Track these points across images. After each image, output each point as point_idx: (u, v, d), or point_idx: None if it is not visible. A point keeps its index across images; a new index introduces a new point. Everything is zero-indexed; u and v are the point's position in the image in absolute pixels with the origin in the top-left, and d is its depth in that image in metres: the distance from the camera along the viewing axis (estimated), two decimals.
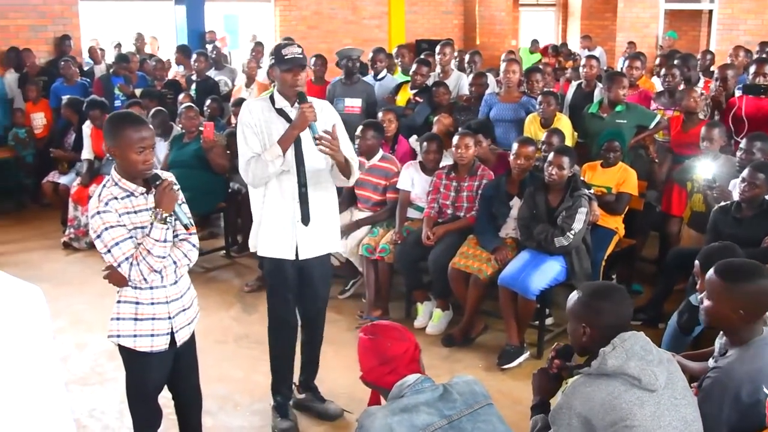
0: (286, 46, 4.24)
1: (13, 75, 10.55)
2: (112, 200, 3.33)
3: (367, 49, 9.08)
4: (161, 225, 3.34)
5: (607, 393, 2.73)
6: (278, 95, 4.32)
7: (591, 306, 2.95)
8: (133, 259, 3.32)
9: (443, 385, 2.79)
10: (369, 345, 2.88)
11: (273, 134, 4.23)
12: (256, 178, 4.24)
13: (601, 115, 6.80)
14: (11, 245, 8.37)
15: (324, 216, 4.42)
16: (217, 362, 5.43)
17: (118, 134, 3.32)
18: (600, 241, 5.78)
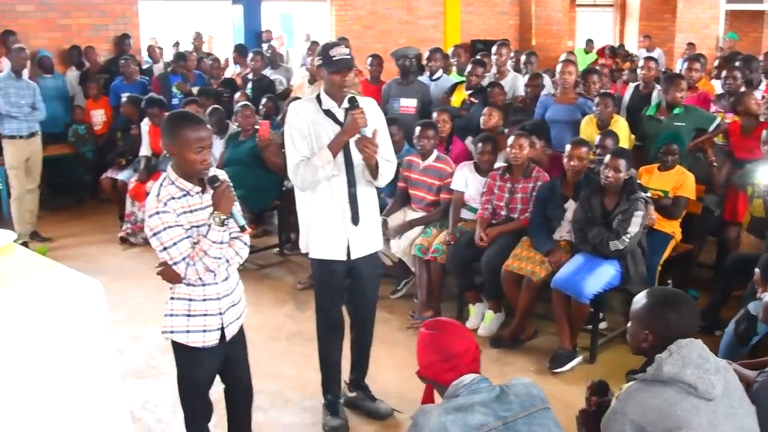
0: (333, 47, 4.20)
1: (75, 73, 10.77)
2: (170, 200, 3.34)
3: (422, 48, 9.06)
4: (219, 227, 3.36)
5: (662, 400, 2.69)
6: (325, 96, 4.29)
7: (658, 314, 2.88)
8: (189, 259, 3.35)
9: (500, 386, 2.77)
10: (431, 339, 2.85)
11: (321, 136, 4.22)
12: (306, 182, 4.25)
13: (659, 118, 6.70)
14: (71, 239, 8.54)
15: (371, 215, 4.46)
16: (270, 359, 5.48)
17: (176, 134, 3.33)
18: (656, 245, 5.69)
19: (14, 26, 10.12)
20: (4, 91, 7.94)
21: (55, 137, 9.78)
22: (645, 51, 14.58)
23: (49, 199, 9.81)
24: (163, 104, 8.53)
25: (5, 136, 8.08)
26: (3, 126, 8.05)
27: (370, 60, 8.70)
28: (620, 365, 5.16)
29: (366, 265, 4.50)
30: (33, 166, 8.31)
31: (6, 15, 10.22)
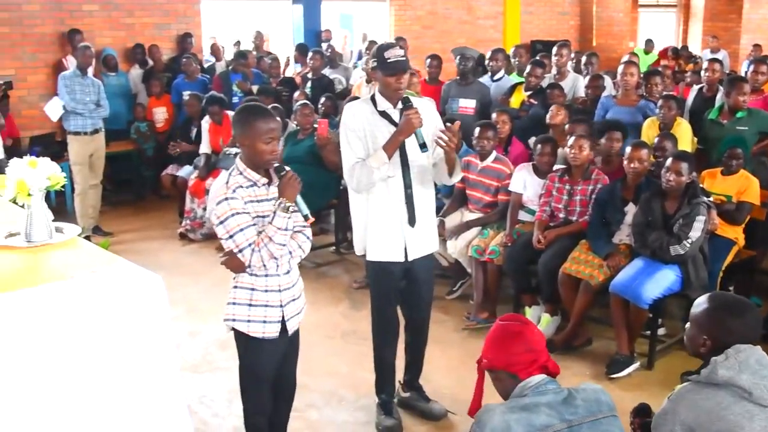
0: (388, 48, 4.15)
1: (138, 71, 10.96)
2: (238, 188, 3.46)
3: (481, 49, 9.01)
4: (284, 213, 3.45)
5: (715, 403, 2.65)
6: (380, 97, 4.27)
7: (719, 320, 2.84)
8: (255, 246, 3.43)
9: (568, 390, 2.75)
10: (519, 330, 2.85)
11: (377, 137, 4.21)
12: (361, 184, 4.25)
13: (721, 122, 6.55)
14: (131, 234, 8.70)
15: (427, 216, 4.45)
16: (325, 357, 5.50)
17: (247, 125, 3.48)
18: (718, 251, 5.57)
19: (80, 25, 10.34)
20: (69, 88, 8.12)
21: (118, 134, 9.97)
22: (709, 52, 14.31)
23: (111, 194, 10.01)
24: (224, 102, 8.63)
25: (70, 132, 8.26)
26: (68, 122, 8.23)
27: (428, 60, 8.68)
28: (678, 372, 5.07)
29: (422, 266, 4.49)
30: (96, 162, 8.47)
31: (72, 14, 10.44)
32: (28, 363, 2.31)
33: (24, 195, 2.80)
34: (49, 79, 10.11)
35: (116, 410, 2.48)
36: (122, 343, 2.48)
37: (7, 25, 9.94)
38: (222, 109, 8.47)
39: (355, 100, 4.50)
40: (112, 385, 2.46)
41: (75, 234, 2.94)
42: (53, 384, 2.35)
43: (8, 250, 2.76)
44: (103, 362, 2.44)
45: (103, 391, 2.44)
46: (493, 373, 2.87)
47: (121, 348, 2.48)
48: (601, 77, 8.10)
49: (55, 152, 8.65)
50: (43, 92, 10.09)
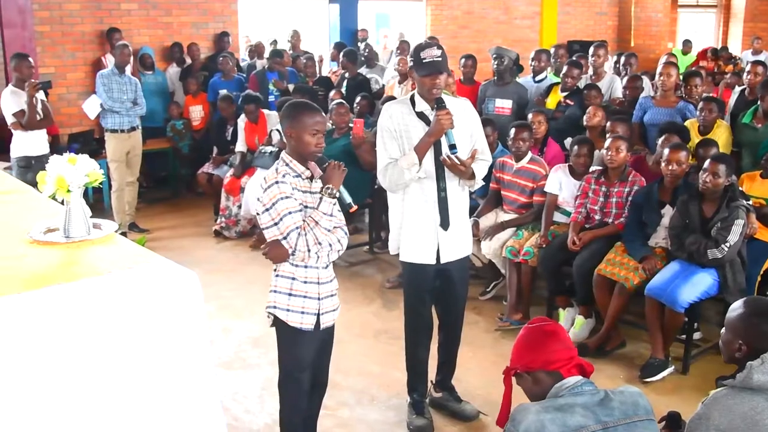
0: (425, 48, 4.13)
1: (175, 69, 11.06)
2: (287, 175, 3.60)
3: (517, 49, 8.96)
4: (330, 199, 3.59)
5: (750, 408, 2.63)
6: (418, 97, 4.26)
7: (754, 325, 2.83)
8: (301, 230, 3.53)
9: (605, 391, 2.73)
10: (554, 330, 2.89)
11: (413, 138, 4.21)
12: (393, 184, 4.27)
13: (755, 126, 6.45)
14: (167, 231, 8.78)
15: (461, 219, 4.44)
16: (356, 356, 5.51)
17: (295, 118, 3.64)
18: (756, 255, 5.48)
19: (119, 24, 10.47)
20: (107, 86, 8.22)
21: (155, 132, 10.08)
22: (750, 54, 14.10)
23: (148, 192, 10.12)
24: (260, 101, 8.67)
25: (108, 130, 8.35)
26: (106, 120, 8.33)
27: (463, 60, 8.63)
28: (714, 377, 5.01)
29: (456, 268, 4.48)
30: (133, 160, 8.56)
31: (111, 13, 10.57)
32: (67, 356, 2.34)
33: (63, 191, 2.84)
34: (87, 77, 10.24)
35: (150, 405, 2.50)
36: (157, 338, 2.51)
37: (47, 24, 10.08)
38: (258, 108, 8.51)
39: (391, 101, 4.51)
40: (146, 380, 2.48)
41: (112, 230, 2.97)
42: (90, 377, 2.38)
43: (47, 245, 2.80)
44: (138, 357, 2.46)
45: (138, 386, 2.47)
46: (529, 377, 2.82)
47: (157, 343, 2.50)
48: (640, 78, 8.03)
49: (93, 149, 8.77)
50: (82, 90, 10.23)
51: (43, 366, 2.30)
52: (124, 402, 2.45)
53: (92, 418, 2.39)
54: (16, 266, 2.60)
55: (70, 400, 2.35)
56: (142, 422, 2.48)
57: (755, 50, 14.32)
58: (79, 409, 2.37)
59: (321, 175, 3.65)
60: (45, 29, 10.05)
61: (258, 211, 3.64)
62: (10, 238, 2.91)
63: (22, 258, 2.69)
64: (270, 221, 3.57)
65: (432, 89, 4.13)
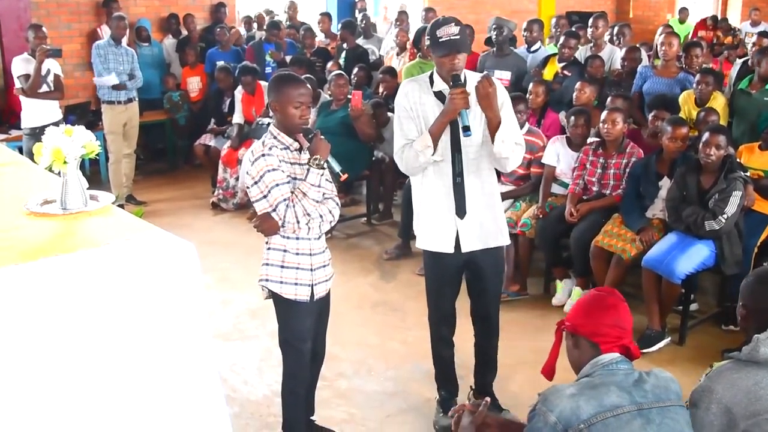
0: (441, 26, 3.82)
1: (171, 41, 10.99)
2: (273, 147, 3.60)
3: (516, 19, 8.91)
4: (317, 170, 3.58)
5: (754, 382, 2.62)
6: (437, 76, 3.97)
7: (752, 287, 2.93)
8: (289, 201, 3.55)
9: (639, 372, 2.69)
10: (614, 303, 2.84)
11: (429, 118, 3.93)
12: (409, 167, 3.99)
13: (750, 92, 6.46)
14: (164, 203, 8.78)
15: (486, 206, 4.08)
16: (354, 327, 5.53)
17: (279, 91, 3.64)
18: (753, 226, 5.49)
19: None
20: (103, 57, 8.16)
21: (152, 104, 10.05)
22: (749, 25, 14.03)
23: (145, 163, 10.10)
24: (257, 72, 8.63)
25: (104, 102, 8.31)
26: (102, 91, 8.28)
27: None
28: (710, 348, 5.05)
29: (485, 260, 4.15)
30: (130, 132, 8.52)
31: None
32: (64, 328, 2.34)
33: (60, 163, 2.83)
34: (83, 49, 10.18)
35: (149, 376, 2.51)
36: (155, 309, 2.51)
37: None
38: (255, 79, 8.47)
39: (409, 79, 4.22)
40: (144, 351, 2.49)
41: (109, 202, 2.97)
42: (87, 349, 2.39)
43: (44, 217, 2.80)
44: (136, 328, 2.47)
45: (136, 357, 2.47)
46: (573, 339, 2.82)
47: (154, 314, 2.51)
48: (638, 49, 7.98)
49: (89, 121, 8.74)
50: (78, 61, 10.17)
51: (40, 337, 2.31)
52: (122, 374, 2.46)
53: (90, 390, 2.40)
54: (12, 237, 2.60)
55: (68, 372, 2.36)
56: (140, 394, 2.49)
57: (754, 21, 14.24)
58: (76, 382, 2.38)
59: (308, 147, 3.65)
60: (40, 0, 9.97)
61: (247, 184, 3.66)
62: (7, 209, 2.90)
63: (19, 229, 2.69)
64: (259, 194, 3.59)
65: (451, 70, 3.83)
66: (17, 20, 9.02)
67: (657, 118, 6.04)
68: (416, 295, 6.07)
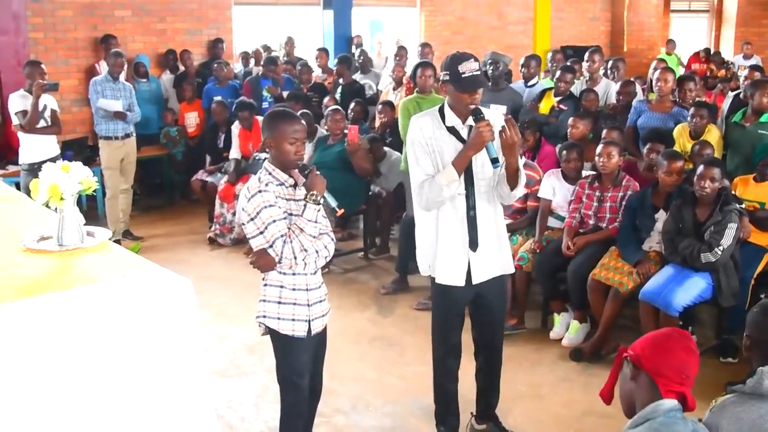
0: (462, 61, 3.86)
1: (169, 76, 11.06)
2: (269, 183, 3.61)
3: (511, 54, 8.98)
4: (314, 206, 3.59)
5: (759, 415, 2.59)
6: (449, 111, 4.00)
7: (756, 318, 2.93)
8: (286, 237, 3.55)
9: (692, 423, 2.60)
10: (689, 348, 2.64)
11: (444, 153, 3.96)
12: (431, 202, 3.99)
13: (744, 124, 6.50)
14: (161, 238, 8.76)
15: (495, 237, 4.16)
16: (351, 362, 5.51)
17: (274, 127, 3.66)
18: (750, 258, 5.50)
19: (112, 30, 10.47)
20: (101, 94, 8.17)
21: (149, 139, 10.08)
22: (742, 58, 14.16)
23: (142, 199, 10.11)
24: (254, 108, 8.67)
25: (101, 137, 8.31)
26: (100, 126, 8.29)
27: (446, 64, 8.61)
28: (709, 381, 5.01)
29: (490, 288, 4.21)
30: (127, 167, 8.52)
31: (105, 20, 10.57)
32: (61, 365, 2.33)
33: (56, 199, 2.84)
34: (81, 84, 10.24)
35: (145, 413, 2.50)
36: (152, 346, 2.50)
37: (40, 31, 10.08)
38: (252, 115, 8.51)
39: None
40: (140, 388, 2.48)
41: (106, 238, 2.97)
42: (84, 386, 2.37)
43: (41, 253, 2.80)
44: (132, 365, 2.46)
45: (132, 394, 2.46)
46: (634, 370, 2.65)
47: (151, 351, 2.50)
48: (633, 83, 8.05)
49: (87, 156, 8.76)
50: (76, 97, 10.23)
51: (37, 375, 2.29)
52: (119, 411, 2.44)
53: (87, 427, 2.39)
54: (8, 274, 2.60)
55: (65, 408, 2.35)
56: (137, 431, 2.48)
57: (746, 55, 14.39)
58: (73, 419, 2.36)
59: (304, 183, 3.66)
60: (38, 36, 10.04)
61: (243, 221, 3.66)
62: (3, 246, 2.90)
63: (15, 266, 2.68)
64: (255, 230, 3.59)
65: (470, 104, 3.88)
66: (15, 56, 9.07)
67: (652, 151, 6.08)
68: (414, 330, 6.06)
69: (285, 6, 13.41)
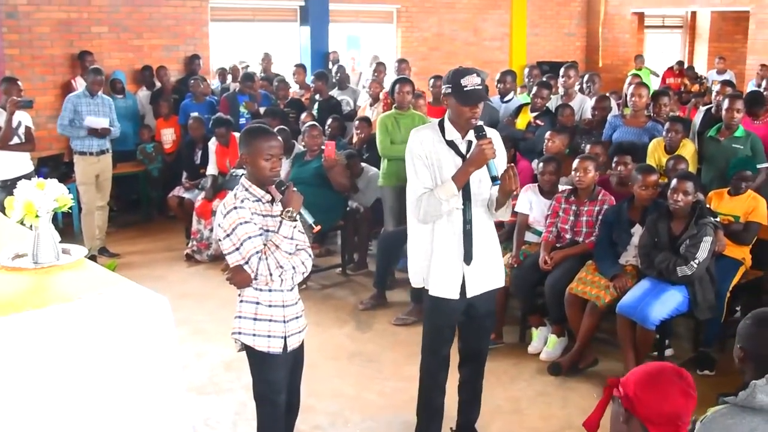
0: (465, 75, 3.90)
1: (146, 92, 11.02)
2: (245, 200, 3.61)
3: (488, 70, 9.05)
4: (290, 222, 3.59)
5: (750, 429, 2.58)
6: (449, 125, 4.03)
7: (749, 330, 2.91)
8: (262, 254, 3.54)
9: None
10: (687, 393, 2.46)
11: (443, 167, 3.98)
12: (428, 216, 4.01)
13: (719, 139, 6.59)
14: (138, 255, 8.70)
15: (488, 251, 4.20)
16: (329, 378, 5.49)
17: (250, 143, 3.67)
18: (725, 271, 5.56)
19: (89, 47, 10.43)
20: (76, 108, 8.10)
21: (126, 155, 10.02)
22: (715, 73, 14.33)
23: (118, 215, 10.05)
24: (231, 124, 8.65)
25: (76, 152, 8.24)
26: (74, 142, 8.22)
27: (432, 81, 8.67)
28: None
29: (482, 301, 4.25)
30: (103, 183, 8.46)
31: (81, 36, 10.53)
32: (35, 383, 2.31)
33: (32, 217, 2.82)
34: (57, 101, 10.14)
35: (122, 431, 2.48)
36: (128, 364, 2.49)
37: (17, 47, 10.03)
38: (229, 131, 8.49)
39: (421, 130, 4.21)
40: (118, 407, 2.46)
41: (81, 255, 2.95)
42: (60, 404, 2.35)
43: (15, 271, 2.78)
44: (109, 383, 2.44)
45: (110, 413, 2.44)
46: (625, 413, 2.50)
47: (128, 369, 2.49)
48: (608, 98, 8.11)
49: (62, 173, 8.70)
50: (52, 113, 10.12)
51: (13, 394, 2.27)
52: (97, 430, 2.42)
53: None
54: None
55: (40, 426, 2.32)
56: None
57: (719, 70, 14.55)
58: None
59: (281, 199, 3.66)
60: (14, 52, 9.99)
61: (219, 237, 3.65)
62: None
63: None
64: (231, 246, 3.58)
65: (471, 119, 3.93)
66: None
67: (619, 164, 6.16)
68: (392, 346, 6.05)
69: (262, 22, 13.41)
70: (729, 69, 14.95)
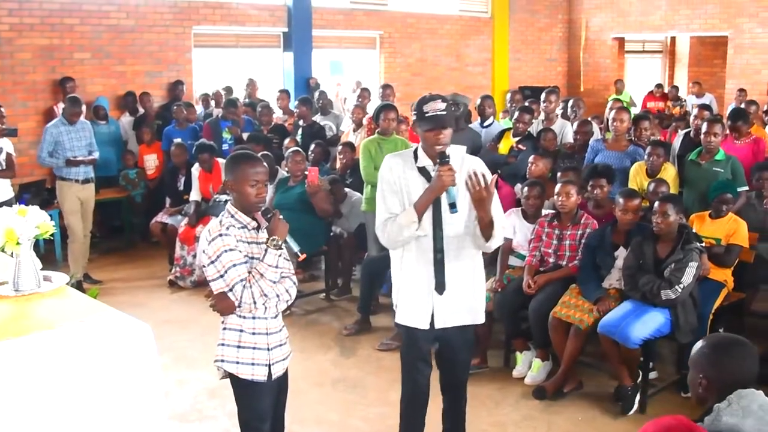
0: (428, 102, 3.95)
1: (129, 118, 11.00)
2: (231, 227, 3.58)
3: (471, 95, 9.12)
4: (275, 251, 3.56)
5: None
6: (422, 152, 4.03)
7: (710, 358, 2.84)
8: (246, 282, 3.52)
9: None
10: None
11: (412, 193, 3.98)
12: (392, 241, 4.01)
13: (700, 162, 6.66)
14: (121, 282, 8.65)
15: (465, 284, 4.12)
16: (314, 404, 5.46)
17: (235, 170, 3.64)
18: (708, 294, 5.58)
19: (71, 73, 10.42)
20: (56, 138, 7.97)
21: (108, 181, 10.00)
22: (695, 97, 14.47)
23: (101, 242, 9.99)
24: (214, 150, 8.64)
25: (60, 178, 8.18)
26: (60, 169, 8.13)
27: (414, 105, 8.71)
28: None
29: (455, 335, 4.17)
30: (86, 211, 8.41)
31: (64, 62, 10.52)
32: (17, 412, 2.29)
33: (13, 244, 2.80)
34: (39, 127, 10.07)
35: None
36: (111, 392, 2.47)
37: None
38: (212, 157, 8.49)
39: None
40: None
41: (63, 283, 2.93)
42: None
43: None
44: (91, 412, 2.42)
45: None
46: None
47: (110, 397, 2.47)
48: (590, 123, 8.19)
49: (44, 199, 8.64)
50: (34, 139, 10.06)
51: None
52: None
53: None
54: None
55: None
56: None
57: (698, 93, 14.71)
58: None
59: (267, 226, 3.64)
60: None
61: (204, 264, 3.62)
62: None
63: None
64: (216, 273, 3.55)
65: (435, 144, 3.91)
66: None
67: (594, 187, 6.18)
68: (377, 371, 6.03)
69: (245, 48, 13.45)
70: (709, 93, 15.11)
